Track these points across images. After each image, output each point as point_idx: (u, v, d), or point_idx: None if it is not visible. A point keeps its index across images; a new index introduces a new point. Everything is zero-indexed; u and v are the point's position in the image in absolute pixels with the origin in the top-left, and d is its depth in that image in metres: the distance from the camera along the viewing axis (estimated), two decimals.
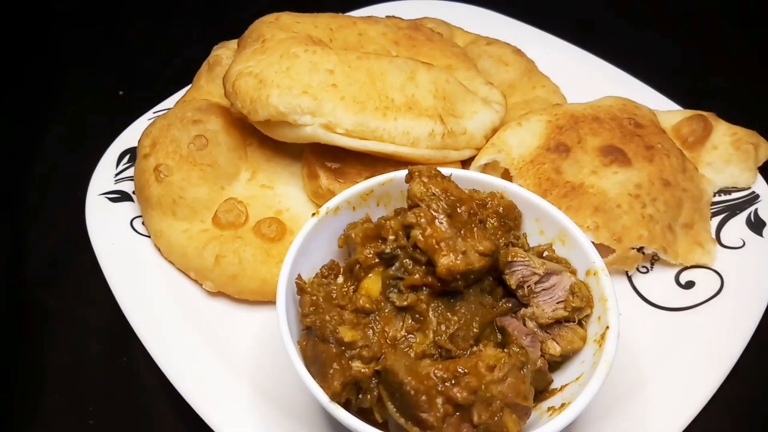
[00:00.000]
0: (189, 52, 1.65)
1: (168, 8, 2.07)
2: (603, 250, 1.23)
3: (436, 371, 0.84)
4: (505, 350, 0.89)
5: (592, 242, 1.19)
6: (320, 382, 0.88)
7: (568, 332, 0.98)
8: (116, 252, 1.28)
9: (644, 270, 1.30)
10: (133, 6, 2.08)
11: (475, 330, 0.93)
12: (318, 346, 0.91)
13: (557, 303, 0.98)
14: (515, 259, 0.99)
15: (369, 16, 1.55)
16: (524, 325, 0.98)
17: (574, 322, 0.99)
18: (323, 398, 0.87)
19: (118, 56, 1.89)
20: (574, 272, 1.04)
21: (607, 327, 0.95)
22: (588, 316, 1.00)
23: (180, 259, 1.25)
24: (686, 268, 1.28)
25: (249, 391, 1.09)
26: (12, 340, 1.25)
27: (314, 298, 0.96)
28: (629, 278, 1.28)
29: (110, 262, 1.26)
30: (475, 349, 0.91)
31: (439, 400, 0.82)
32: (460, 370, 0.84)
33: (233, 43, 1.53)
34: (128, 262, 1.27)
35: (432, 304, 0.94)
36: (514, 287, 0.98)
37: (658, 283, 1.27)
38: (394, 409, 0.85)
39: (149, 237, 1.30)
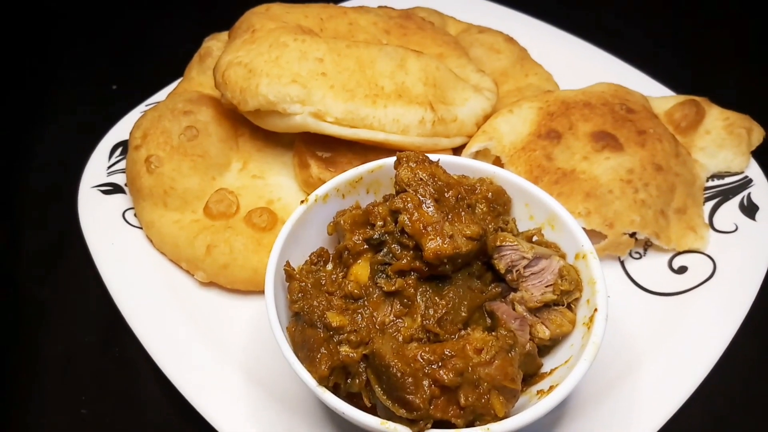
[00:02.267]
0: (181, 45, 1.65)
1: (159, 1, 2.07)
2: (595, 235, 1.23)
3: (423, 354, 0.84)
4: (493, 334, 0.89)
5: (584, 228, 1.19)
6: (308, 366, 0.88)
7: (557, 316, 0.98)
8: (108, 244, 1.28)
9: (637, 256, 1.29)
10: (123, 4, 2.08)
11: (463, 314, 0.93)
12: (306, 332, 0.91)
13: (546, 286, 0.98)
14: (504, 243, 0.98)
15: (360, 6, 1.55)
16: (513, 309, 0.98)
17: (563, 305, 0.99)
18: (311, 382, 0.87)
19: (110, 50, 1.90)
20: (563, 256, 1.04)
21: (596, 309, 0.94)
22: (577, 299, 1.00)
23: (171, 250, 1.25)
24: (679, 253, 1.28)
25: (240, 379, 1.09)
26: (5, 331, 1.26)
27: (303, 284, 0.96)
28: (622, 264, 1.28)
29: (103, 254, 1.26)
30: (463, 332, 0.91)
31: (426, 383, 0.82)
32: (447, 352, 0.84)
33: (224, 35, 1.52)
34: (120, 253, 1.27)
35: (420, 289, 0.93)
36: (503, 271, 0.98)
37: (651, 268, 1.27)
38: (381, 392, 0.85)
39: (141, 228, 1.30)
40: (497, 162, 1.33)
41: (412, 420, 0.84)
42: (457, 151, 1.34)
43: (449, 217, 0.93)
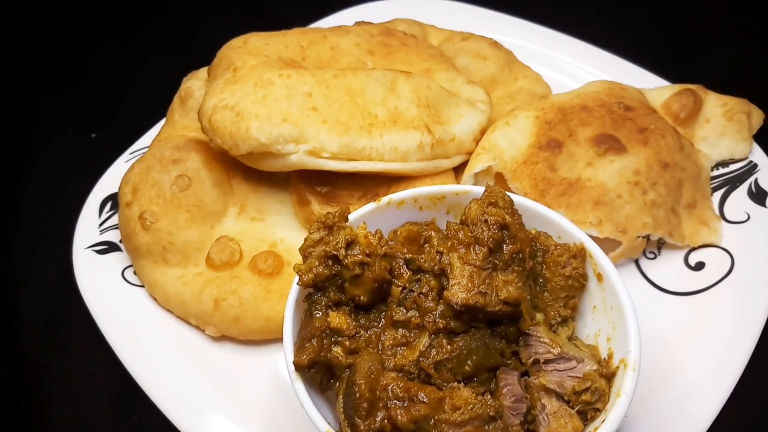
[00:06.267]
0: (157, 84, 1.58)
1: (130, 42, 1.99)
2: (609, 243, 1.20)
3: (395, 387, 0.81)
4: (479, 398, 0.84)
5: (597, 237, 1.17)
6: (296, 350, 0.87)
7: (563, 416, 0.86)
8: (111, 307, 1.23)
9: (652, 256, 1.27)
10: (94, 45, 1.99)
11: (466, 368, 0.86)
12: (309, 320, 0.89)
13: (563, 386, 0.88)
14: (530, 331, 0.90)
15: (339, 27, 1.50)
16: (519, 384, 0.88)
17: (574, 408, 0.87)
18: (322, 426, 0.83)
19: (84, 98, 1.81)
20: (599, 362, 0.92)
21: (603, 421, 0.83)
22: (597, 411, 0.87)
23: (178, 307, 1.21)
24: (694, 248, 1.26)
25: None
26: (15, 412, 1.20)
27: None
28: (638, 265, 1.26)
29: (107, 319, 1.22)
30: (455, 385, 0.85)
31: (380, 414, 0.80)
32: (420, 396, 0.81)
33: (203, 72, 1.47)
34: (125, 316, 1.22)
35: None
36: (523, 360, 0.90)
37: (668, 267, 1.25)
38: (341, 404, 0.84)
39: (143, 287, 1.26)
40: (500, 178, 1.29)
41: None
42: (458, 170, 1.31)
43: (492, 271, 0.87)
